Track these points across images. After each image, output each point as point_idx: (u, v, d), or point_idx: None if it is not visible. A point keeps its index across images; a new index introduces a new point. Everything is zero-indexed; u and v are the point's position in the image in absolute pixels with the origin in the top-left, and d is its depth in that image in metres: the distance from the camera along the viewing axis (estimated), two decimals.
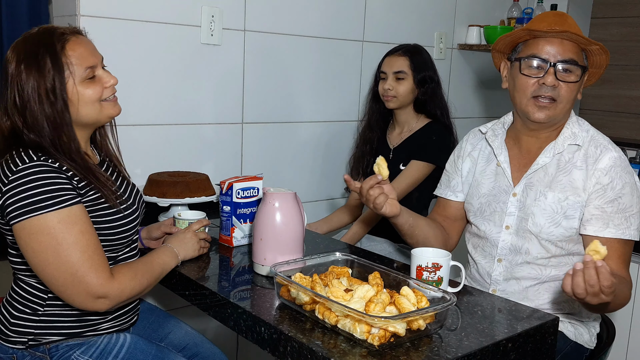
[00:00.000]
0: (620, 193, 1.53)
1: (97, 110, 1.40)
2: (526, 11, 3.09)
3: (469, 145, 1.82)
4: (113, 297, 1.31)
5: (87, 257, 1.28)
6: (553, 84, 1.55)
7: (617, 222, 1.53)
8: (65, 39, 1.35)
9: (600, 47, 1.56)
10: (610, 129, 3.40)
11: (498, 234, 1.67)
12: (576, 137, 1.61)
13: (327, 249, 1.81)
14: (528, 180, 1.63)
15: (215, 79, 2.25)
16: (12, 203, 1.27)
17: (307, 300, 1.25)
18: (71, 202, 1.30)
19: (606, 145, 1.59)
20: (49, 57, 1.32)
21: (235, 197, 1.73)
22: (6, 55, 1.37)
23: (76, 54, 1.36)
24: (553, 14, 1.60)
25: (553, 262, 1.62)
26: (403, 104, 2.33)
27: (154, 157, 2.14)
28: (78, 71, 1.35)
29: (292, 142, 2.51)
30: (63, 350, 1.41)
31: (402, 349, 1.13)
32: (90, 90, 1.38)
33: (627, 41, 3.31)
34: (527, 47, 1.59)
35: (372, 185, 1.54)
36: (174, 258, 1.53)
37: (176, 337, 1.67)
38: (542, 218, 1.59)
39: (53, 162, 1.32)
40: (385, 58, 2.36)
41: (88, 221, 1.32)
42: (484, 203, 1.71)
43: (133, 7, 2.01)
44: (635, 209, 1.54)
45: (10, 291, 1.44)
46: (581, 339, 1.65)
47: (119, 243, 1.45)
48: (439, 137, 2.30)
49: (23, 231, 1.28)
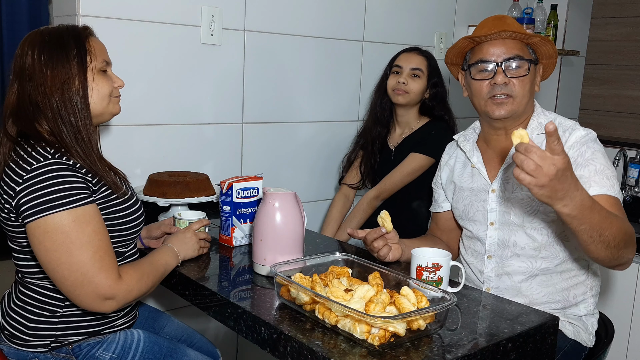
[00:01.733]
0: (592, 157, 1.54)
1: (105, 104, 1.45)
2: (526, 11, 3.09)
3: (446, 155, 1.90)
4: (120, 299, 1.32)
5: (98, 258, 1.29)
6: (504, 81, 1.60)
7: (599, 181, 1.51)
8: (89, 33, 1.45)
9: (541, 39, 1.63)
10: (610, 129, 3.40)
11: (484, 231, 1.71)
12: (542, 127, 1.64)
13: (327, 249, 1.81)
14: (504, 175, 1.67)
15: (215, 79, 2.25)
16: (27, 202, 1.28)
17: (307, 300, 1.25)
18: (85, 201, 1.31)
19: (573, 127, 1.61)
20: (73, 43, 1.39)
21: (235, 197, 1.73)
22: (18, 52, 1.39)
23: (97, 46, 1.44)
24: (492, 19, 1.67)
25: (543, 254, 1.63)
26: (411, 102, 2.33)
27: (154, 157, 2.14)
28: (97, 60, 1.42)
29: (292, 142, 2.51)
30: (86, 350, 1.42)
31: (402, 349, 1.13)
32: (105, 84, 1.44)
33: (627, 41, 3.31)
34: (474, 53, 1.67)
35: (375, 238, 1.61)
36: (175, 258, 1.54)
37: (171, 330, 1.71)
38: (521, 208, 1.62)
39: (67, 160, 1.33)
40: (401, 54, 2.38)
41: (101, 221, 1.34)
42: (467, 205, 1.75)
43: (133, 7, 2.01)
44: (610, 172, 1.54)
45: (21, 296, 1.42)
46: (580, 337, 1.66)
47: (130, 238, 1.47)
48: (439, 131, 2.31)
49: (38, 229, 1.28)
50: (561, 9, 3.17)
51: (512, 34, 1.61)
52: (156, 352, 1.47)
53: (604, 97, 3.43)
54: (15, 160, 1.33)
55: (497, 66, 1.61)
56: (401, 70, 2.33)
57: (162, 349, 1.48)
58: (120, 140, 2.03)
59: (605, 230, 1.36)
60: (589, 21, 3.40)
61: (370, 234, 1.62)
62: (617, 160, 3.00)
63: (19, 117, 1.38)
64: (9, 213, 1.34)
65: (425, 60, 2.34)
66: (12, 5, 3.58)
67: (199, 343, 1.71)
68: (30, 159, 1.31)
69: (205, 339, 1.75)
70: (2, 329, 1.43)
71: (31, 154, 1.32)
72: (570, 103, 3.43)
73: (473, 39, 1.65)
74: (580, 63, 3.44)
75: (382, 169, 2.41)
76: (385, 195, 2.35)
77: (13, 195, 1.30)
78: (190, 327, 1.79)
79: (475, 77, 1.65)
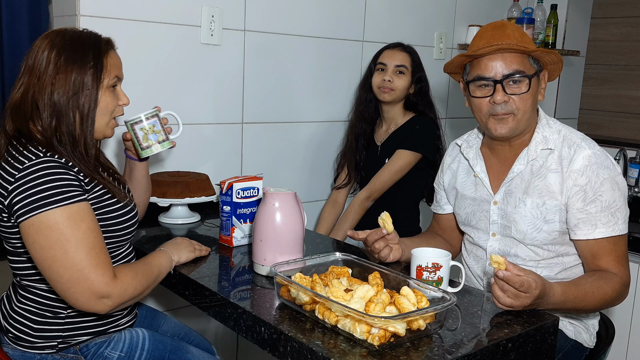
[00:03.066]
0: (600, 191, 1.52)
1: (106, 121, 1.44)
2: (526, 11, 3.09)
3: (449, 157, 1.86)
4: (116, 298, 1.31)
5: (93, 255, 1.28)
6: (504, 100, 1.54)
7: (605, 220, 1.52)
8: (110, 47, 1.45)
9: (542, 51, 1.55)
10: (610, 129, 3.40)
11: (486, 241, 1.70)
12: (547, 141, 1.59)
13: (327, 249, 1.81)
14: (507, 188, 1.64)
15: (215, 79, 2.25)
16: (20, 200, 1.27)
17: (307, 300, 1.25)
18: (78, 198, 1.30)
19: (579, 144, 1.56)
20: (92, 53, 1.39)
21: (235, 197, 1.73)
22: (35, 46, 1.38)
23: (113, 61, 1.44)
24: (491, 28, 1.57)
25: (543, 264, 1.62)
26: (397, 99, 2.35)
27: (154, 157, 2.14)
28: (109, 76, 1.42)
29: (292, 142, 2.51)
30: (94, 349, 1.42)
31: (402, 349, 1.13)
32: (109, 99, 1.43)
33: (627, 41, 3.31)
34: (472, 68, 1.59)
35: (376, 239, 1.59)
36: (169, 261, 1.53)
37: (169, 329, 1.71)
38: (523, 225, 1.60)
39: (59, 158, 1.33)
40: (384, 51, 2.38)
41: (94, 219, 1.33)
42: (470, 213, 1.74)
43: (133, 7, 2.01)
44: (619, 202, 1.54)
45: (21, 298, 1.41)
46: (580, 337, 1.66)
47: (123, 239, 1.47)
48: (423, 126, 2.33)
49: (31, 227, 1.27)
50: (561, 9, 3.17)
51: (511, 48, 1.52)
52: (161, 350, 1.47)
53: (604, 97, 3.43)
54: (7, 159, 1.33)
55: (497, 83, 1.54)
56: (386, 67, 2.33)
57: (166, 347, 1.48)
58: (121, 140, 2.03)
59: (582, 308, 1.50)
60: (589, 21, 3.40)
61: (371, 235, 1.59)
62: (617, 160, 3.00)
63: (16, 114, 1.37)
64: (1, 213, 1.33)
65: (409, 56, 2.34)
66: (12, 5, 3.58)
67: (196, 340, 1.72)
68: (22, 157, 1.31)
69: (201, 337, 1.75)
70: (6, 331, 1.42)
71: (23, 153, 1.31)
72: (570, 103, 3.43)
73: (469, 56, 1.58)
74: (580, 63, 3.44)
75: (370, 165, 2.42)
76: (376, 195, 2.35)
77: (5, 194, 1.30)
78: (190, 326, 1.78)
79: (475, 94, 1.59)
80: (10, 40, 3.56)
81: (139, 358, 1.44)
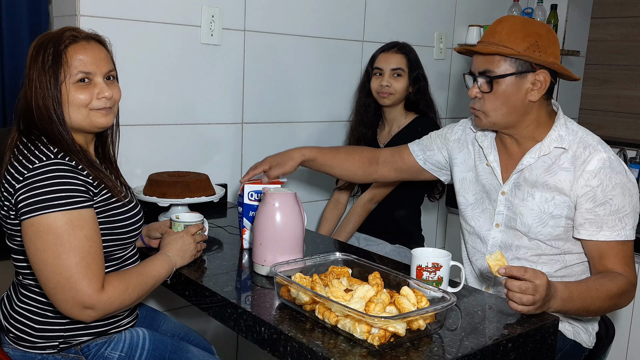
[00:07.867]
0: (611, 194, 1.52)
1: (84, 116, 1.40)
2: (526, 11, 3.09)
3: (461, 131, 1.84)
4: (100, 309, 1.31)
5: (84, 264, 1.28)
6: (475, 96, 1.60)
7: (611, 224, 1.52)
8: (73, 41, 1.38)
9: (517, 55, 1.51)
10: (610, 129, 3.40)
11: (488, 231, 1.69)
12: (562, 140, 1.59)
13: (327, 249, 1.81)
14: (516, 179, 1.65)
15: (215, 79, 2.25)
16: (25, 199, 1.28)
17: (307, 300, 1.25)
18: (82, 205, 1.30)
19: (595, 146, 1.56)
20: (52, 53, 1.36)
21: (247, 198, 1.72)
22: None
23: (76, 57, 1.38)
24: (497, 23, 1.59)
25: (544, 259, 1.62)
26: (397, 101, 2.34)
27: (154, 157, 2.14)
28: (72, 73, 1.37)
29: (292, 142, 2.51)
30: (95, 349, 1.42)
31: (402, 349, 1.13)
32: (81, 95, 1.39)
33: (627, 41, 3.31)
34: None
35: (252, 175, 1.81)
36: (169, 269, 1.51)
37: (168, 328, 1.71)
38: (529, 218, 1.60)
39: (69, 160, 1.33)
40: (379, 54, 2.36)
41: (95, 228, 1.33)
42: (479, 199, 1.73)
43: (133, 7, 2.01)
44: (628, 208, 1.53)
45: (22, 298, 1.41)
46: (579, 338, 1.66)
47: (129, 241, 1.47)
48: (425, 129, 2.32)
49: (31, 228, 1.28)
50: (561, 9, 3.17)
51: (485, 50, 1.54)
52: (162, 350, 1.47)
53: (604, 97, 3.43)
54: (18, 158, 1.34)
55: (475, 79, 1.59)
56: (382, 72, 2.32)
57: (166, 347, 1.48)
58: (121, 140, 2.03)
59: (590, 306, 1.46)
60: (589, 21, 3.40)
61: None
62: None
63: (24, 116, 1.39)
64: (9, 211, 1.34)
65: (405, 57, 2.32)
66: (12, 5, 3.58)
67: (195, 340, 1.71)
68: (32, 157, 1.32)
69: (201, 337, 1.75)
70: (7, 331, 1.42)
71: (34, 153, 1.33)
72: (570, 103, 3.43)
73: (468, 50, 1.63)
74: (580, 63, 3.44)
75: None
76: (379, 197, 2.35)
77: (13, 192, 1.31)
78: (189, 326, 1.78)
79: (467, 85, 1.64)
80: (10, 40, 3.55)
81: (140, 358, 1.44)
